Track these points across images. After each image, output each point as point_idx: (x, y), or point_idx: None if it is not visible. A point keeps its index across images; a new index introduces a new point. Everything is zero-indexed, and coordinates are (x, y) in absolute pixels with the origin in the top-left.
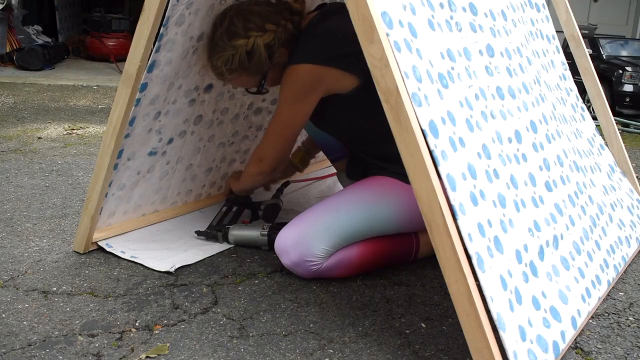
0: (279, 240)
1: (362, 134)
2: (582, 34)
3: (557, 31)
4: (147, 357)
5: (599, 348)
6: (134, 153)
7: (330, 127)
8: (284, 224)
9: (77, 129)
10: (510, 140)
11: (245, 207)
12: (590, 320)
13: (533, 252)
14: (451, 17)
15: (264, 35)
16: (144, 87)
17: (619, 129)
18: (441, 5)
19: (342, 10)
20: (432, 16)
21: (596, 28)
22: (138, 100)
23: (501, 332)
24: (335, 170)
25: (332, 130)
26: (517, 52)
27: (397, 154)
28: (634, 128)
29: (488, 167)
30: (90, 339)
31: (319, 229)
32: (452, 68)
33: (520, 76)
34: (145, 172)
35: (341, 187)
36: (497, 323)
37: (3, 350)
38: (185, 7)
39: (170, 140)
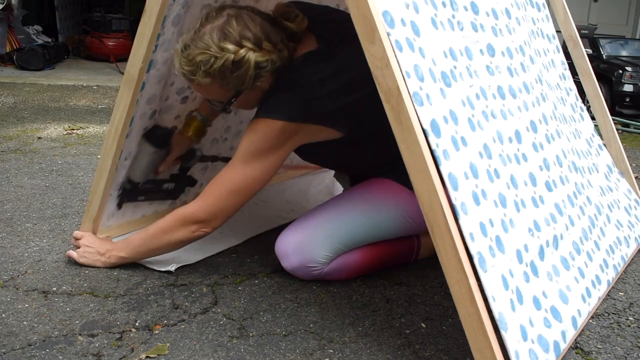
0: (280, 244)
1: (348, 164)
2: (582, 34)
3: (556, 31)
4: (147, 357)
5: (599, 348)
6: (130, 153)
7: (311, 160)
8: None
9: (77, 129)
10: (510, 140)
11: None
12: (590, 320)
13: (533, 252)
14: (453, 16)
15: (259, 52)
16: (142, 87)
17: (619, 129)
18: (443, 4)
19: (330, 47)
20: (435, 14)
21: (596, 28)
22: (136, 101)
23: (503, 332)
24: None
25: (314, 162)
26: (519, 50)
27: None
28: (634, 128)
29: (489, 166)
30: (90, 339)
31: (322, 235)
32: (455, 67)
33: (522, 75)
34: None
35: (340, 187)
36: (499, 323)
37: (3, 350)
38: (182, 6)
39: None
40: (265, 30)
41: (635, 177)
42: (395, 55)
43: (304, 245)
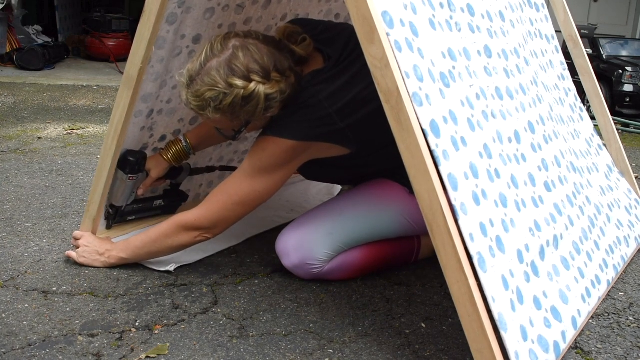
0: (280, 242)
1: (352, 179)
2: (582, 34)
3: (556, 31)
4: (147, 357)
5: (599, 348)
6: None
7: (315, 179)
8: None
9: (77, 129)
10: (510, 140)
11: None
12: (590, 320)
13: (534, 252)
14: (451, 17)
15: (268, 84)
16: None
17: (619, 129)
18: (441, 5)
19: (338, 65)
20: (433, 15)
21: (596, 28)
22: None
23: (502, 333)
24: None
25: (318, 180)
26: (514, 53)
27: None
28: (634, 128)
29: (489, 166)
30: (90, 339)
31: (322, 233)
32: (454, 67)
33: (518, 77)
34: None
35: (339, 187)
36: (498, 323)
37: (3, 350)
38: (177, 5)
39: (163, 138)
40: (272, 58)
41: (636, 177)
42: (395, 56)
43: (305, 242)
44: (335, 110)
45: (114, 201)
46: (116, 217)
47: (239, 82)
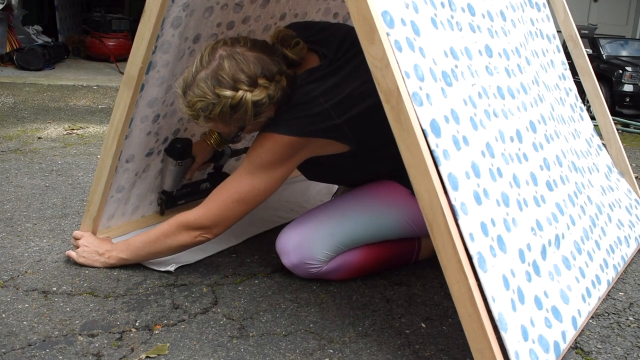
0: (281, 241)
1: (354, 179)
2: (582, 34)
3: (557, 31)
4: (147, 357)
5: (599, 348)
6: (133, 156)
7: (317, 179)
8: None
9: (77, 129)
10: (512, 140)
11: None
12: (590, 320)
13: (536, 252)
14: (452, 17)
15: (255, 91)
16: (141, 88)
17: (619, 129)
18: (442, 5)
19: (333, 63)
20: (435, 14)
21: (596, 28)
22: (136, 102)
23: (502, 333)
24: None
25: (319, 180)
26: (515, 52)
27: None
28: (634, 128)
29: (492, 165)
30: (90, 339)
31: (322, 233)
32: (456, 66)
33: (519, 77)
34: (142, 172)
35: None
36: (498, 323)
37: (3, 350)
38: (182, 8)
39: (165, 140)
40: (259, 65)
41: (636, 177)
42: (395, 56)
43: (305, 242)
44: (330, 106)
45: (165, 187)
46: (168, 202)
47: (226, 92)
